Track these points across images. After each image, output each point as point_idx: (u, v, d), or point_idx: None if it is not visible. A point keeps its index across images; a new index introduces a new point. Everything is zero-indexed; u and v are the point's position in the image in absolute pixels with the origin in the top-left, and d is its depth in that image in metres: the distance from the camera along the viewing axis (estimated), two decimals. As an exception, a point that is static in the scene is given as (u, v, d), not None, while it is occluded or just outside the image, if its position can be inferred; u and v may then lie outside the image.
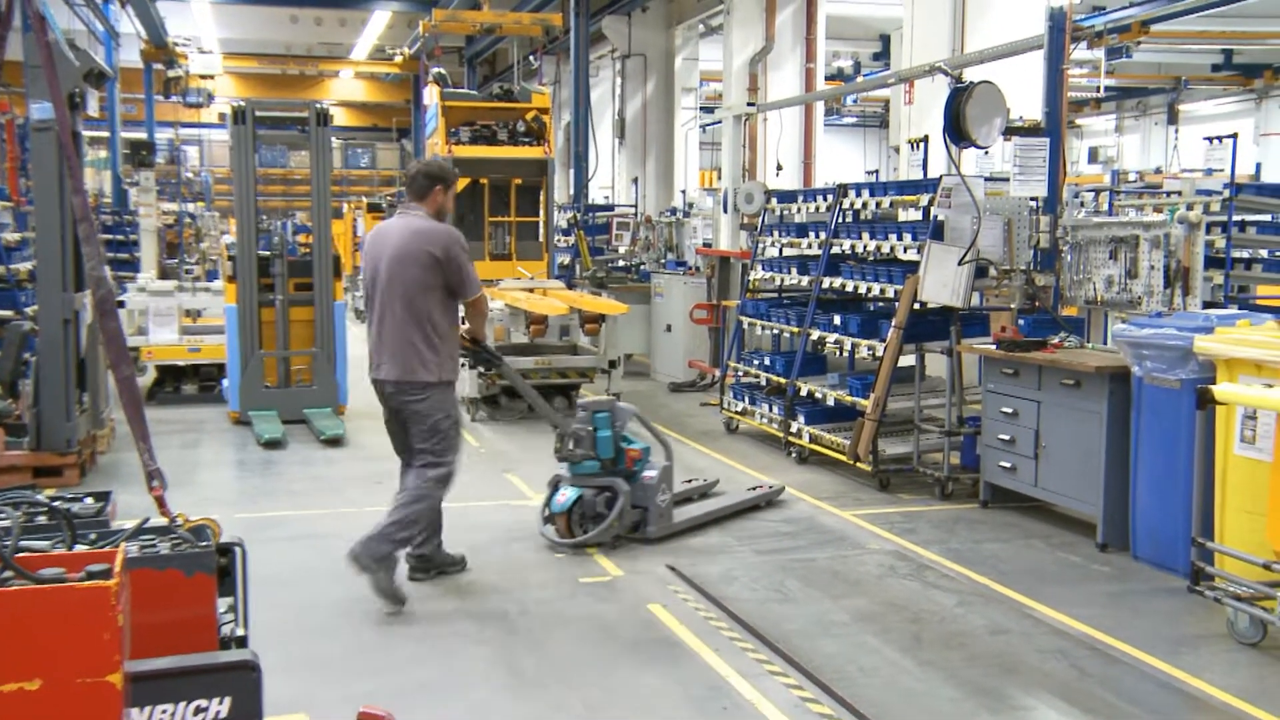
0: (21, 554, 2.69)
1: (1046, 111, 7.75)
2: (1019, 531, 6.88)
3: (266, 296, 10.17)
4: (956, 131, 7.43)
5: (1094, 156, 31.33)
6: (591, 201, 18.41)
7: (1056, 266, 7.63)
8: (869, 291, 8.31)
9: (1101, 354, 6.77)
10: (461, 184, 10.72)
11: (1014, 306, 7.77)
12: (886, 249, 8.37)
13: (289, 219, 28.58)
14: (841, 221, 8.90)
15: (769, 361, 9.40)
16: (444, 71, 12.74)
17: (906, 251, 7.95)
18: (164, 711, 2.72)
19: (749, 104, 14.17)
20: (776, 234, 9.91)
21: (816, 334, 8.74)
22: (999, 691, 4.58)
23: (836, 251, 8.92)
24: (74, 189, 4.37)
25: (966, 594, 5.76)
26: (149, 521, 3.23)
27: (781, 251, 9.76)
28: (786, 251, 9.71)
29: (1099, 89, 22.48)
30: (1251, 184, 9.05)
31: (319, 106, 10.45)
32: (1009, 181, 7.88)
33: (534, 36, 21.08)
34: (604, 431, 6.43)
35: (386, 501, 6.88)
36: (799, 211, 9.79)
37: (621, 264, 16.19)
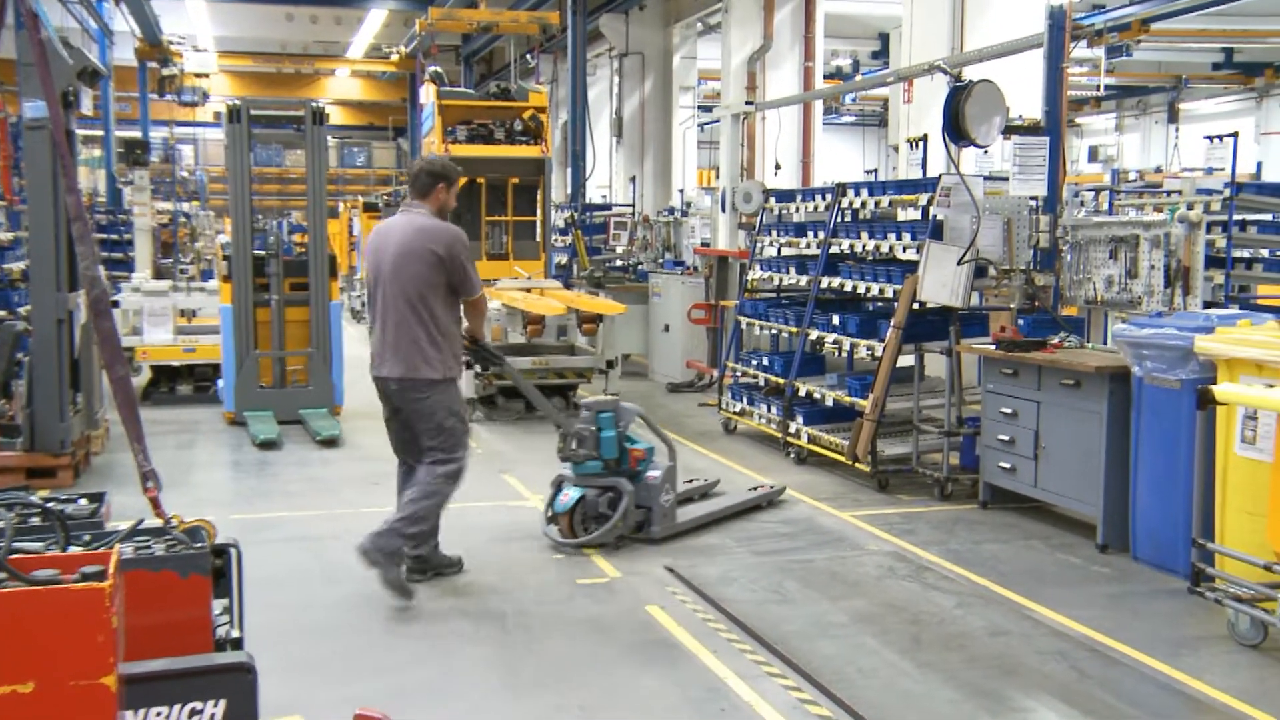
0: (15, 555, 2.68)
1: (1046, 110, 7.74)
2: (1018, 532, 6.87)
3: (262, 296, 10.14)
4: (956, 130, 7.41)
5: (1094, 155, 31.33)
6: (589, 201, 18.39)
7: (1056, 266, 7.62)
8: (868, 291, 8.29)
9: (1101, 354, 6.75)
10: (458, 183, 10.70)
11: (1013, 306, 7.76)
12: (885, 249, 8.35)
13: (284, 218, 28.61)
14: (840, 221, 8.88)
15: (767, 362, 9.38)
16: (440, 70, 12.70)
17: (905, 251, 7.94)
18: (159, 714, 2.73)
19: (747, 103, 14.16)
20: (775, 233, 9.89)
21: (815, 334, 8.72)
22: (998, 693, 4.56)
23: (835, 251, 8.90)
24: (68, 188, 4.34)
25: (966, 595, 5.74)
26: (144, 523, 3.22)
27: (780, 251, 9.74)
28: (785, 251, 9.69)
29: (1099, 88, 22.47)
30: (1252, 183, 9.02)
31: (314, 105, 10.43)
32: (1008, 181, 7.86)
33: (531, 35, 21.04)
34: (608, 431, 6.40)
35: (383, 502, 6.89)
36: (797, 211, 9.76)
37: (619, 264, 16.18)
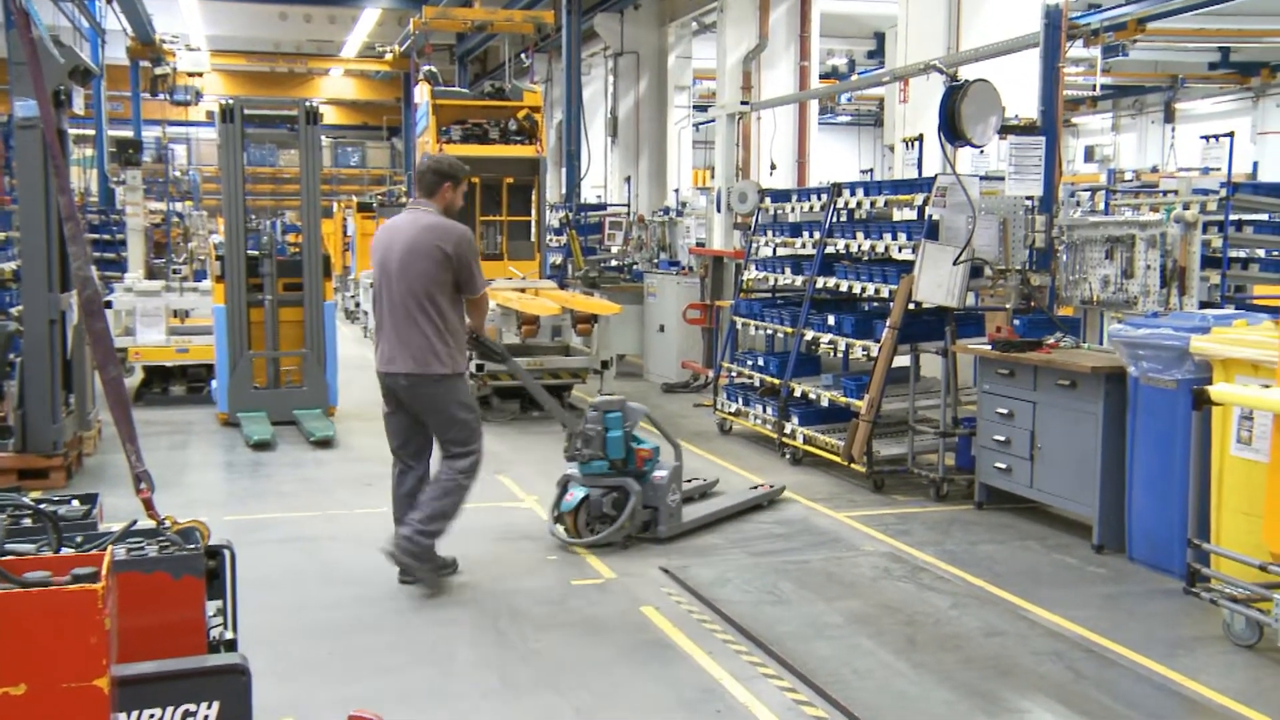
0: (7, 557, 2.67)
1: (1042, 110, 7.73)
2: (1014, 533, 6.86)
3: (255, 297, 10.11)
4: (952, 130, 7.40)
5: (1090, 155, 31.33)
6: (584, 201, 18.36)
7: (1052, 266, 7.61)
8: (863, 291, 8.28)
9: (1097, 354, 6.75)
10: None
11: (1009, 306, 7.75)
12: (881, 249, 8.35)
13: (278, 218, 28.59)
14: (836, 221, 8.87)
15: (763, 362, 9.37)
16: (435, 69, 12.67)
17: (901, 251, 7.93)
18: (152, 716, 2.72)
19: (742, 102, 14.16)
20: (770, 233, 9.88)
21: (811, 334, 8.71)
22: (994, 694, 4.55)
23: (831, 251, 8.89)
24: (59, 188, 4.33)
25: (961, 596, 5.73)
26: (136, 524, 3.20)
27: (775, 251, 9.73)
28: (780, 251, 9.69)
29: (1095, 87, 22.49)
30: (1248, 183, 9.03)
31: (308, 104, 10.42)
32: (1004, 180, 7.85)
33: (525, 34, 21.08)
34: (615, 431, 6.39)
35: (377, 503, 6.87)
36: (793, 211, 9.75)
37: (614, 264, 16.15)
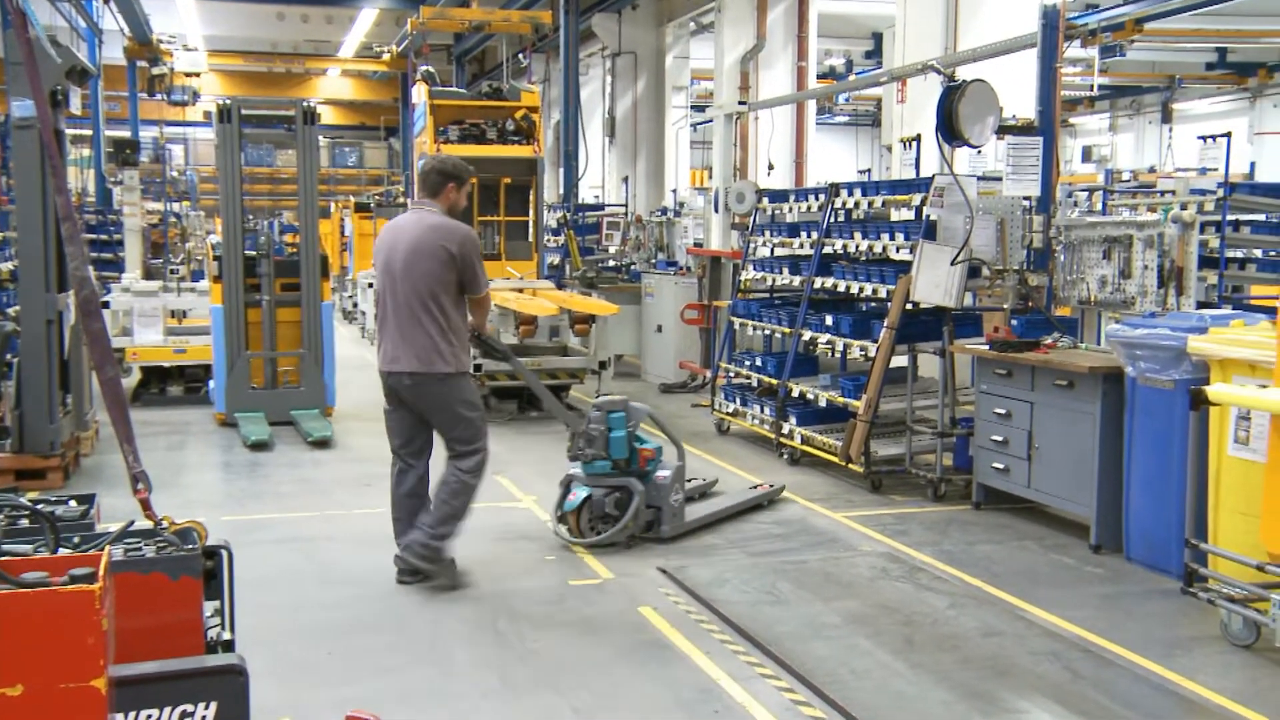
0: (4, 558, 2.66)
1: (1040, 110, 7.73)
2: (1012, 533, 6.86)
3: (253, 297, 10.10)
4: (949, 130, 7.40)
5: (1088, 155, 31.37)
6: (581, 201, 18.36)
7: (1050, 266, 7.61)
8: (861, 292, 8.29)
9: (1095, 354, 6.75)
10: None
11: (1007, 307, 7.75)
12: (879, 249, 8.35)
13: (275, 218, 28.57)
14: (833, 221, 8.87)
15: (760, 362, 9.37)
16: (432, 69, 12.67)
17: (899, 251, 7.93)
18: (149, 717, 2.72)
19: (740, 103, 14.17)
20: (768, 234, 9.88)
21: (808, 334, 8.71)
22: (992, 694, 4.55)
23: (828, 251, 8.89)
24: (56, 188, 4.32)
25: (959, 596, 5.73)
26: (134, 524, 3.19)
27: (773, 251, 9.73)
28: (778, 251, 9.69)
29: (1092, 87, 22.51)
30: (1246, 183, 9.06)
31: (305, 105, 10.40)
32: (1002, 181, 7.85)
33: (523, 34, 21.11)
34: (618, 431, 6.38)
35: (375, 504, 6.87)
36: (790, 211, 9.76)
37: (612, 264, 16.16)
